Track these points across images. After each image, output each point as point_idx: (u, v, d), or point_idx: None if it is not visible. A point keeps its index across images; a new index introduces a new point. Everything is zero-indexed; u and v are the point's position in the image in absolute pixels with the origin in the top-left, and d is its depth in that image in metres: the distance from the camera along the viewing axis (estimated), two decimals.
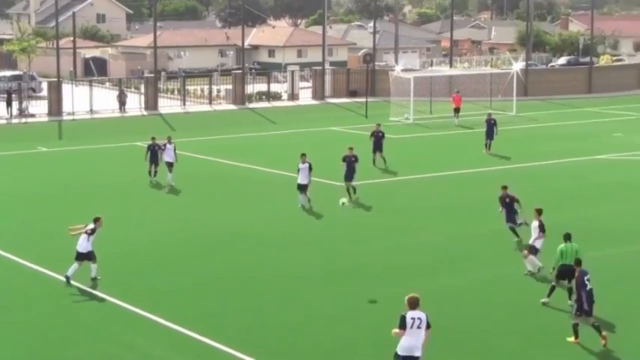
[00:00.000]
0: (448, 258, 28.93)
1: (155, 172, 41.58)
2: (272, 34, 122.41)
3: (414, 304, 17.92)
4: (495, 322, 23.30)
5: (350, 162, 37.28)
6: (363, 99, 72.30)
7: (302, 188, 35.89)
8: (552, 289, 24.20)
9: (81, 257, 26.45)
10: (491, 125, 49.84)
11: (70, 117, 68.90)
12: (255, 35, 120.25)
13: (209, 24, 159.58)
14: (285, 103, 79.37)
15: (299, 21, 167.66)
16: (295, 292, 25.61)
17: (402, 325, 17.80)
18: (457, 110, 62.71)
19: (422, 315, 17.95)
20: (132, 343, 21.80)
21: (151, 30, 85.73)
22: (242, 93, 77.85)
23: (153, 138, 42.49)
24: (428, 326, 18.05)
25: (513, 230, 30.18)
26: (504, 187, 30.48)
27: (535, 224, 26.83)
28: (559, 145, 52.67)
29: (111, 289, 25.60)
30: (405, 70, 72.69)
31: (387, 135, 49.11)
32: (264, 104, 77.84)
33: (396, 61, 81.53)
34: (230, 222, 33.94)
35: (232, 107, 76.34)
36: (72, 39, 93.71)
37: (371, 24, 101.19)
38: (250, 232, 32.45)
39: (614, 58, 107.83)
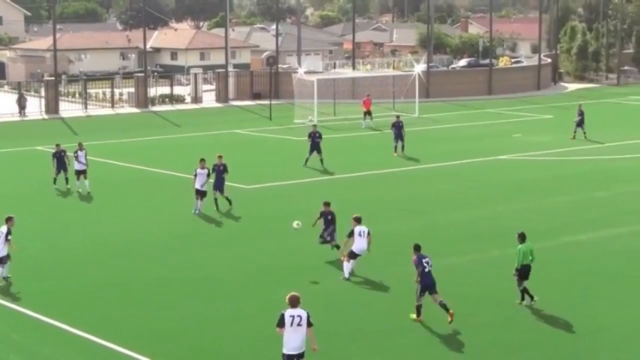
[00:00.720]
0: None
1: (66, 179, 40.47)
2: (175, 36, 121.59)
3: (293, 302, 18.17)
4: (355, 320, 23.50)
5: (219, 172, 35.96)
6: (267, 102, 72.25)
7: (201, 194, 35.40)
8: (524, 291, 24.32)
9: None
10: (399, 127, 50.23)
11: None
12: (157, 38, 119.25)
13: (109, 26, 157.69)
14: (188, 106, 78.85)
15: (201, 24, 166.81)
16: (193, 296, 25.40)
17: (281, 323, 18.10)
18: (368, 113, 62.57)
19: (303, 312, 18.13)
20: (36, 351, 21.36)
21: (50, 32, 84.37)
22: (145, 96, 77.12)
23: (57, 145, 41.49)
24: (309, 324, 18.20)
25: (324, 242, 28.83)
26: (326, 204, 28.87)
27: (356, 230, 26.65)
28: (462, 146, 53.30)
29: (12, 296, 25.06)
30: (308, 72, 72.84)
31: (289, 137, 49.29)
32: (167, 107, 77.22)
33: (299, 63, 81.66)
34: (132, 227, 33.53)
35: (135, 110, 75.56)
36: None
37: (274, 27, 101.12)
38: (151, 236, 32.11)
39: (513, 60, 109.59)
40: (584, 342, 22.09)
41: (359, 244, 26.74)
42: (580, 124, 55.69)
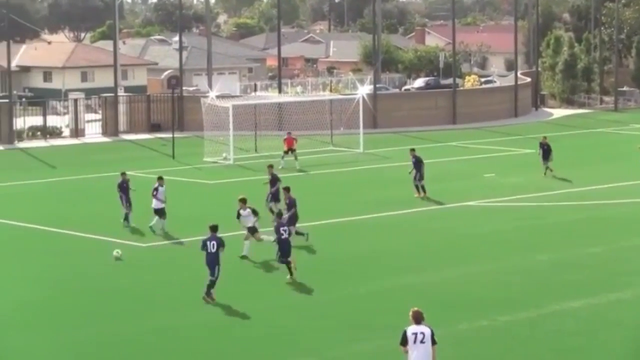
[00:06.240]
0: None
1: None
2: (48, 51, 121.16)
3: (416, 319, 21.80)
4: None
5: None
6: (169, 135, 72.10)
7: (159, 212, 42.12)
8: None
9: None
10: (418, 164, 51.59)
11: None
12: (26, 54, 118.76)
13: None
14: (67, 141, 78.50)
15: (82, 35, 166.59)
16: None
17: (403, 341, 21.73)
18: (291, 151, 61.93)
19: (426, 330, 21.71)
20: None
21: None
22: (10, 129, 76.59)
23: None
24: (433, 342, 21.64)
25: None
26: None
27: None
28: None
29: None
30: (221, 96, 72.90)
31: (198, 180, 48.70)
32: (39, 143, 76.78)
33: (210, 85, 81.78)
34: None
35: None
36: None
37: (176, 38, 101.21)
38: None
39: (483, 79, 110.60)
40: None
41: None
42: (546, 156, 56.95)
